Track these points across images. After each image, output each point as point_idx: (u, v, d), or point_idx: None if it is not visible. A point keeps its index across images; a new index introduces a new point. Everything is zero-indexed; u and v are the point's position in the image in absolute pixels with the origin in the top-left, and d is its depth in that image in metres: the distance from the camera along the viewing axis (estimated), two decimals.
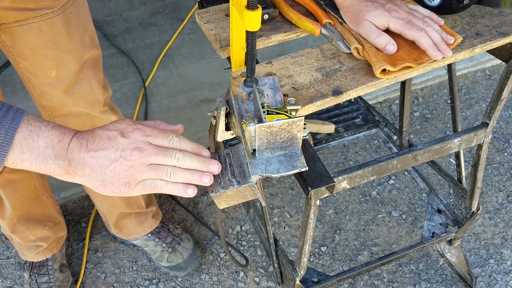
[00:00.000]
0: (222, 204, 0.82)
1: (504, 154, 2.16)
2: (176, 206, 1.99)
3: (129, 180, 0.73)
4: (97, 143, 0.73)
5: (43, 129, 0.72)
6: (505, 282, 1.76)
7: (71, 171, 0.74)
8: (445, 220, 1.59)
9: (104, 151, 0.73)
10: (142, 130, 0.75)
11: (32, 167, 0.72)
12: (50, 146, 0.72)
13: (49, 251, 1.67)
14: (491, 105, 1.23)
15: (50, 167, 0.73)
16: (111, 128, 0.75)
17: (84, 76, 1.26)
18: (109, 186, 0.74)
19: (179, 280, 1.77)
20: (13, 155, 0.71)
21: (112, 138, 0.74)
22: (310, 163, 0.89)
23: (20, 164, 0.72)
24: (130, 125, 0.76)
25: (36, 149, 0.72)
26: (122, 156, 0.73)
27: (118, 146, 0.73)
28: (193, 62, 2.55)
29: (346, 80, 0.93)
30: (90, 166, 0.73)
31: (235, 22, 0.84)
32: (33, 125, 0.72)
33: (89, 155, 0.73)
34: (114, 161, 0.73)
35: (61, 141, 0.73)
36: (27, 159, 0.72)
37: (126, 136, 0.74)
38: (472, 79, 2.51)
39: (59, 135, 0.73)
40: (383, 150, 2.16)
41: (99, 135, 0.74)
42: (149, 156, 0.73)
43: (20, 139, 0.70)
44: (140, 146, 0.73)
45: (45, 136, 0.72)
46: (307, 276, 1.35)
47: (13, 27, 1.09)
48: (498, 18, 1.04)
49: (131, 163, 0.73)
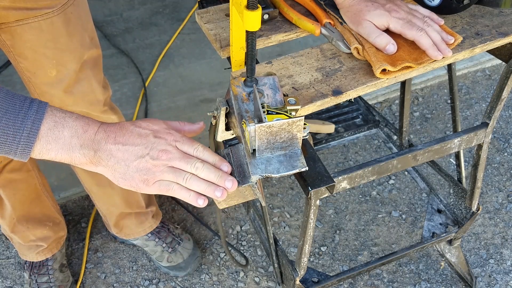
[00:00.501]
0: (222, 204, 0.83)
1: (504, 154, 2.16)
2: (176, 206, 1.99)
3: (148, 177, 0.76)
4: (127, 138, 0.76)
5: (67, 119, 0.74)
6: (505, 282, 1.76)
7: (95, 161, 0.76)
8: (445, 220, 1.59)
9: (133, 147, 0.75)
10: (173, 135, 0.78)
11: (58, 157, 0.74)
12: (75, 136, 0.74)
13: (49, 251, 1.67)
14: (491, 105, 1.23)
15: (76, 156, 0.75)
16: (144, 126, 0.78)
17: (84, 75, 1.26)
18: (129, 180, 0.76)
19: (179, 280, 1.77)
20: (39, 146, 0.73)
21: (144, 136, 0.76)
22: (310, 163, 0.90)
23: (46, 154, 0.74)
24: (163, 128, 0.79)
25: (62, 139, 0.73)
26: (149, 154, 0.75)
27: (148, 145, 0.76)
28: (193, 62, 2.55)
29: (346, 80, 0.93)
30: (116, 158, 0.75)
31: (235, 22, 0.84)
32: (58, 116, 0.74)
33: (117, 147, 0.75)
34: (140, 158, 0.75)
35: (86, 132, 0.75)
36: (53, 149, 0.73)
37: (158, 137, 0.77)
38: (472, 79, 2.51)
39: (84, 125, 0.75)
40: (383, 150, 2.16)
41: (130, 130, 0.77)
42: (173, 160, 0.76)
43: (46, 130, 0.72)
44: (168, 148, 0.76)
45: (70, 126, 0.74)
46: (307, 276, 1.35)
47: (13, 26, 1.09)
48: (498, 18, 1.04)
49: (155, 162, 0.75)
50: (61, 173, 2.00)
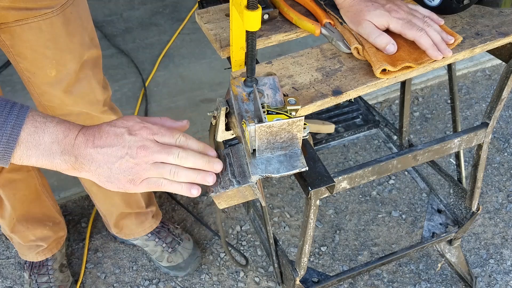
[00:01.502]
0: (222, 204, 0.82)
1: (504, 154, 2.16)
2: (176, 206, 1.99)
3: (134, 177, 0.74)
4: (104, 139, 0.74)
5: (48, 124, 0.73)
6: (505, 282, 1.76)
7: (77, 166, 0.74)
8: (445, 220, 1.59)
9: (111, 148, 0.73)
10: (149, 129, 0.76)
11: (39, 163, 0.73)
12: (56, 142, 0.72)
13: (49, 251, 1.67)
14: (491, 105, 1.23)
15: (57, 163, 0.73)
16: (119, 125, 0.76)
17: (84, 75, 1.26)
18: (115, 182, 0.75)
19: (179, 280, 1.77)
20: (20, 152, 0.71)
21: (120, 135, 0.74)
22: (310, 163, 0.89)
23: (27, 160, 0.72)
24: (137, 123, 0.76)
25: (42, 145, 0.72)
26: (128, 153, 0.73)
27: (125, 144, 0.74)
28: (193, 62, 2.55)
29: (346, 80, 0.93)
30: (97, 162, 0.73)
31: (235, 22, 0.84)
32: (38, 121, 0.72)
33: (96, 151, 0.73)
34: (120, 158, 0.73)
35: (66, 137, 0.73)
36: (33, 155, 0.72)
37: (133, 134, 0.74)
38: (472, 79, 2.51)
39: (64, 130, 0.73)
40: (383, 150, 2.16)
41: (106, 131, 0.75)
42: (153, 154, 0.74)
43: (26, 136, 0.71)
44: (146, 144, 0.74)
45: (50, 131, 0.72)
46: (307, 276, 1.35)
47: (13, 26, 1.09)
48: (498, 18, 1.04)
49: (136, 161, 0.73)
50: (61, 173, 2.00)
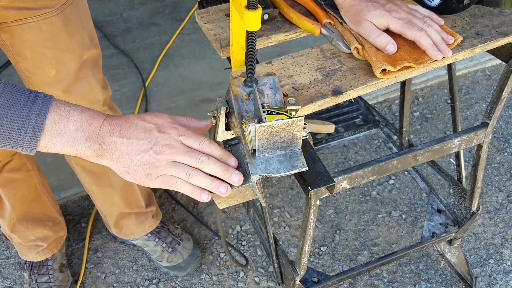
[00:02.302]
0: (222, 204, 0.83)
1: (504, 154, 2.16)
2: (176, 206, 1.98)
3: (151, 171, 0.76)
4: (132, 131, 0.76)
5: (72, 113, 0.74)
6: (505, 282, 1.76)
7: (100, 154, 0.76)
8: (445, 220, 1.59)
9: (137, 140, 0.75)
10: (178, 130, 0.78)
11: (64, 150, 0.75)
12: (80, 129, 0.74)
13: (49, 251, 1.67)
14: (491, 105, 1.23)
15: (81, 149, 0.75)
16: (149, 120, 0.78)
17: (84, 75, 1.26)
18: (132, 174, 0.76)
19: (179, 280, 1.77)
20: (45, 140, 0.73)
21: (149, 130, 0.76)
22: (310, 163, 0.89)
23: (52, 147, 0.74)
24: (168, 122, 0.79)
25: (67, 133, 0.74)
26: (152, 148, 0.75)
27: (152, 139, 0.76)
28: (193, 62, 2.55)
29: (346, 80, 0.93)
30: (120, 151, 0.75)
31: (235, 22, 0.84)
32: (62, 110, 0.74)
33: (121, 140, 0.75)
34: (143, 152, 0.75)
35: (91, 125, 0.75)
36: (59, 142, 0.74)
37: (162, 132, 0.77)
38: (472, 79, 2.51)
39: (88, 118, 0.75)
40: (383, 150, 2.16)
41: (135, 123, 0.77)
42: (177, 154, 0.76)
43: (51, 124, 0.73)
44: (172, 143, 0.76)
45: (75, 119, 0.74)
46: (307, 276, 1.35)
47: (13, 26, 1.09)
48: (498, 18, 1.04)
49: (159, 157, 0.75)
50: (61, 173, 2.00)
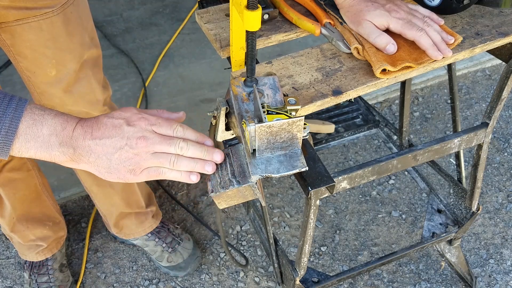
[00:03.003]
0: (222, 204, 0.82)
1: (504, 154, 2.16)
2: (176, 206, 1.99)
3: (134, 167, 0.75)
4: (103, 131, 0.75)
5: (46, 117, 0.74)
6: (505, 282, 1.76)
7: (76, 158, 0.75)
8: (445, 220, 1.59)
9: (109, 139, 0.74)
10: (147, 119, 0.77)
11: (37, 155, 0.74)
12: (54, 134, 0.73)
13: (49, 251, 1.67)
14: (491, 105, 1.23)
15: (55, 154, 0.74)
16: (117, 116, 0.77)
17: (84, 75, 1.26)
18: (114, 173, 0.76)
19: (179, 280, 1.77)
20: (18, 144, 0.72)
21: (118, 126, 0.75)
22: (310, 163, 0.89)
23: (26, 152, 0.73)
24: (135, 114, 0.77)
25: (41, 137, 0.73)
26: (127, 144, 0.74)
27: (124, 134, 0.74)
28: (193, 62, 2.55)
29: (346, 80, 0.93)
30: (96, 153, 0.74)
31: (235, 22, 0.84)
32: (36, 114, 0.73)
33: (94, 142, 0.74)
34: (119, 149, 0.74)
35: (64, 129, 0.74)
36: (32, 147, 0.73)
37: (131, 125, 0.75)
38: (472, 79, 2.51)
39: (62, 122, 0.74)
40: (383, 150, 2.16)
41: (104, 122, 0.75)
42: (153, 145, 0.75)
43: (24, 128, 0.72)
44: (145, 134, 0.75)
45: (48, 124, 0.73)
46: (307, 276, 1.35)
47: (13, 26, 1.09)
48: (498, 18, 1.04)
49: (136, 151, 0.74)
50: (61, 173, 2.00)
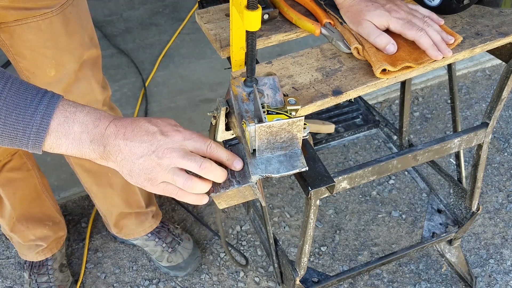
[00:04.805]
0: (222, 204, 0.82)
1: (504, 154, 2.16)
2: (176, 206, 1.99)
3: (152, 177, 0.75)
4: (135, 134, 0.74)
5: (78, 114, 0.73)
6: (505, 282, 1.76)
7: (105, 156, 0.75)
8: (445, 220, 1.59)
9: (139, 143, 0.74)
10: (182, 133, 0.76)
11: (69, 151, 0.74)
12: (85, 131, 0.73)
13: (49, 251, 1.67)
14: (491, 105, 1.23)
15: (86, 152, 0.74)
16: (154, 123, 0.76)
17: (83, 75, 1.26)
18: (135, 177, 0.75)
19: (179, 280, 1.77)
20: (50, 141, 0.72)
21: (152, 133, 0.75)
22: (310, 163, 0.89)
23: (57, 149, 0.74)
24: (172, 126, 0.77)
25: (72, 135, 0.73)
26: (155, 153, 0.74)
27: (154, 142, 0.74)
28: (193, 62, 2.55)
29: (346, 80, 0.93)
30: (123, 154, 0.74)
31: (235, 22, 0.84)
32: (68, 111, 0.73)
33: (125, 143, 0.74)
34: (145, 156, 0.74)
35: (97, 127, 0.74)
36: (63, 144, 0.73)
37: (165, 135, 0.75)
38: (472, 79, 2.51)
39: (94, 120, 0.74)
40: (383, 150, 2.16)
41: (140, 126, 0.75)
42: (177, 159, 0.74)
43: (56, 125, 0.72)
44: (175, 147, 0.75)
45: (80, 121, 0.73)
46: (307, 276, 1.35)
47: (12, 26, 1.09)
48: (498, 18, 1.04)
49: (160, 162, 0.74)
50: (61, 173, 2.00)
